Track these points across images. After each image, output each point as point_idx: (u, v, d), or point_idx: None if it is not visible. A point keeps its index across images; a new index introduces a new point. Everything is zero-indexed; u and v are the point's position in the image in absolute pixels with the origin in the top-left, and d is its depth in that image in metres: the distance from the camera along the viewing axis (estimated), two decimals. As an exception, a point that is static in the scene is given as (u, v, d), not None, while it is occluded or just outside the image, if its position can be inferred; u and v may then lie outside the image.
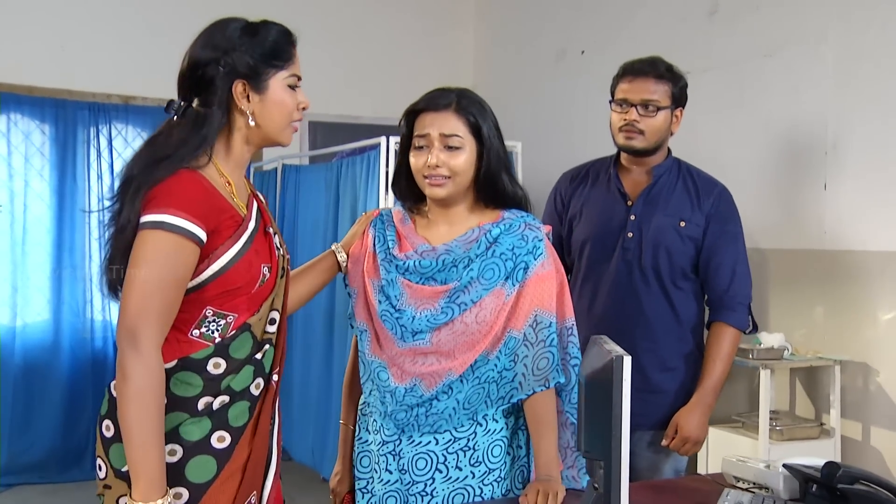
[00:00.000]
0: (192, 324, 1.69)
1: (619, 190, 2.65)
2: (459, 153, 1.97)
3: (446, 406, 1.97)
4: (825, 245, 3.75)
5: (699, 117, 4.33)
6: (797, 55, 3.88)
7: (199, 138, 1.70)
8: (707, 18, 4.38)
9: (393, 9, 6.02)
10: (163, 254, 1.61)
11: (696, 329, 2.64)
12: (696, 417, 2.52)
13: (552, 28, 5.47)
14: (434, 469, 1.99)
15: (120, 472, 1.66)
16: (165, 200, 1.62)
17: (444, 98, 1.99)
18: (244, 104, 1.74)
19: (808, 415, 3.79)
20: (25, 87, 5.05)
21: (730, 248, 2.59)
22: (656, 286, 2.58)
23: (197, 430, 1.68)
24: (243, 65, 1.72)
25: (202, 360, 1.69)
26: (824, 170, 3.75)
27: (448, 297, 1.97)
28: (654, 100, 2.54)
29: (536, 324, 1.97)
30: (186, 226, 1.62)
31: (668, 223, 2.57)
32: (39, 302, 5.16)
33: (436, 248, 2.01)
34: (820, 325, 3.77)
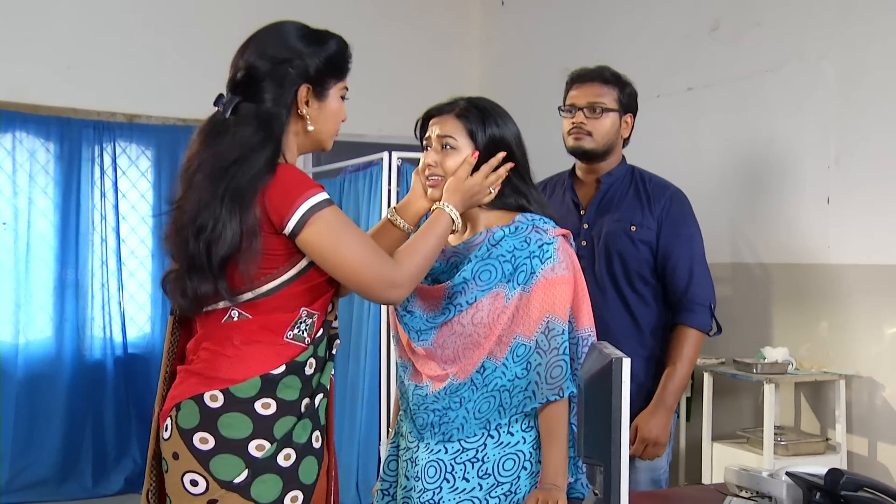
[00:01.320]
0: (289, 325, 1.75)
1: (573, 200, 2.69)
2: (452, 154, 2.02)
3: (458, 415, 1.97)
4: (829, 259, 3.73)
5: (701, 132, 4.35)
6: (799, 70, 3.89)
7: (276, 138, 1.75)
8: (709, 35, 4.39)
9: (398, 29, 6.04)
10: (341, 222, 1.72)
11: (655, 333, 2.64)
12: (655, 419, 2.51)
13: (556, 47, 5.48)
14: (442, 478, 1.99)
15: (231, 483, 1.68)
16: (303, 185, 1.70)
17: (450, 104, 2.07)
18: (304, 108, 1.79)
19: (814, 430, 3.76)
20: (30, 105, 5.07)
21: (685, 249, 2.59)
22: (612, 292, 2.59)
23: (303, 433, 1.74)
24: (314, 69, 1.79)
25: (303, 363, 1.76)
26: (827, 184, 3.74)
27: (448, 299, 1.99)
28: (599, 102, 2.60)
29: (549, 330, 1.95)
30: (328, 196, 1.73)
31: (619, 228, 2.59)
32: (42, 319, 5.15)
33: (445, 251, 2.05)
34: (824, 340, 3.74)
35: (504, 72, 6.08)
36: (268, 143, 1.72)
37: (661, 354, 2.61)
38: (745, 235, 4.02)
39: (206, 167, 1.71)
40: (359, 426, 4.22)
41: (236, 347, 1.73)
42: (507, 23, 6.07)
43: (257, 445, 1.70)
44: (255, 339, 1.74)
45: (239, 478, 1.68)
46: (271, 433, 1.71)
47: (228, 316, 1.75)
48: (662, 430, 2.51)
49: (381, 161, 4.16)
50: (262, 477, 1.69)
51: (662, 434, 2.51)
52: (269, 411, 1.71)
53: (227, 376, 1.71)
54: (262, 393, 1.71)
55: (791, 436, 3.67)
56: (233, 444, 1.69)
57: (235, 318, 1.75)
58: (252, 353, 1.73)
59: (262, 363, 1.72)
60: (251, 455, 1.69)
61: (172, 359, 1.85)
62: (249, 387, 1.71)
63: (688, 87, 4.42)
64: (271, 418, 1.71)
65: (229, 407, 1.70)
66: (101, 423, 5.19)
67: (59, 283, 5.16)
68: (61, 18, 5.14)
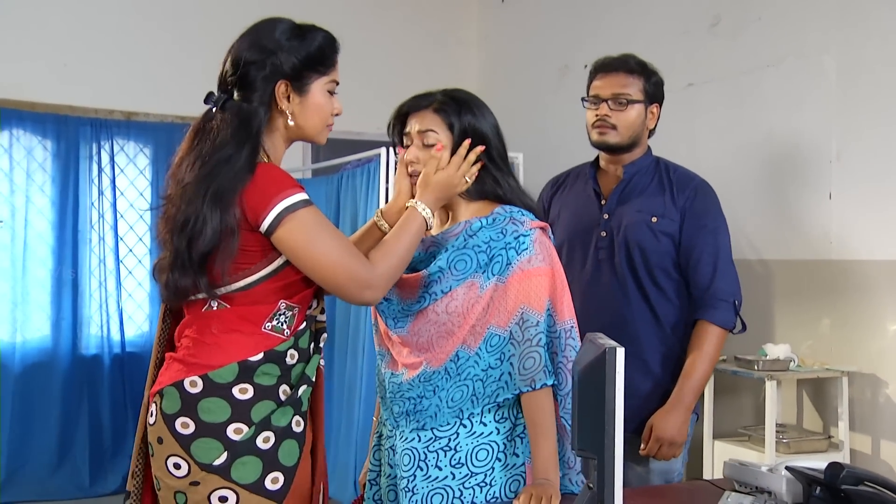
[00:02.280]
0: (266, 317, 1.79)
1: (594, 190, 2.62)
2: (433, 150, 2.01)
3: (431, 403, 1.98)
4: (831, 255, 3.70)
5: (701, 129, 4.33)
6: (799, 66, 3.86)
7: (254, 136, 1.79)
8: (708, 30, 4.37)
9: (396, 27, 6.03)
10: (317, 223, 1.75)
11: (676, 329, 2.55)
12: (671, 417, 2.44)
13: (555, 44, 5.47)
14: (416, 466, 1.99)
15: (211, 465, 1.73)
16: (280, 185, 1.73)
17: (425, 99, 2.06)
18: (284, 104, 1.82)
19: (816, 428, 3.73)
20: (27, 102, 5.03)
21: (709, 243, 2.51)
22: (632, 285, 2.52)
23: (283, 417, 1.78)
24: (289, 66, 1.81)
25: (283, 353, 1.80)
26: (829, 179, 3.72)
27: (424, 287, 2.00)
28: (625, 93, 2.53)
29: (523, 322, 1.95)
30: (307, 196, 1.76)
31: (640, 219, 2.52)
32: (39, 317, 5.12)
33: (424, 240, 2.05)
34: (827, 337, 3.72)
35: (502, 70, 6.07)
36: (247, 141, 1.76)
37: (682, 352, 2.53)
38: (746, 232, 3.99)
39: (193, 166, 1.76)
40: (356, 424, 4.20)
41: (215, 335, 1.79)
42: (505, 20, 6.06)
43: (236, 429, 1.75)
44: (233, 328, 1.79)
45: (218, 460, 1.73)
46: (249, 417, 1.75)
47: (208, 305, 1.80)
48: (678, 429, 2.43)
49: (379, 157, 4.14)
50: (242, 459, 1.74)
51: (678, 434, 2.43)
52: (247, 396, 1.76)
53: (205, 363, 1.77)
54: (240, 379, 1.76)
55: (793, 433, 3.64)
56: (212, 427, 1.74)
57: (215, 308, 1.80)
58: (230, 340, 1.78)
59: (240, 350, 1.77)
60: (230, 438, 1.74)
61: (163, 346, 1.92)
62: (227, 372, 1.76)
63: (687, 84, 4.39)
64: (249, 402, 1.76)
65: (208, 392, 1.75)
66: (98, 421, 5.16)
67: (56, 281, 5.13)
68: (58, 15, 5.13)
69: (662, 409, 2.46)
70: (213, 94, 1.85)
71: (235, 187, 1.72)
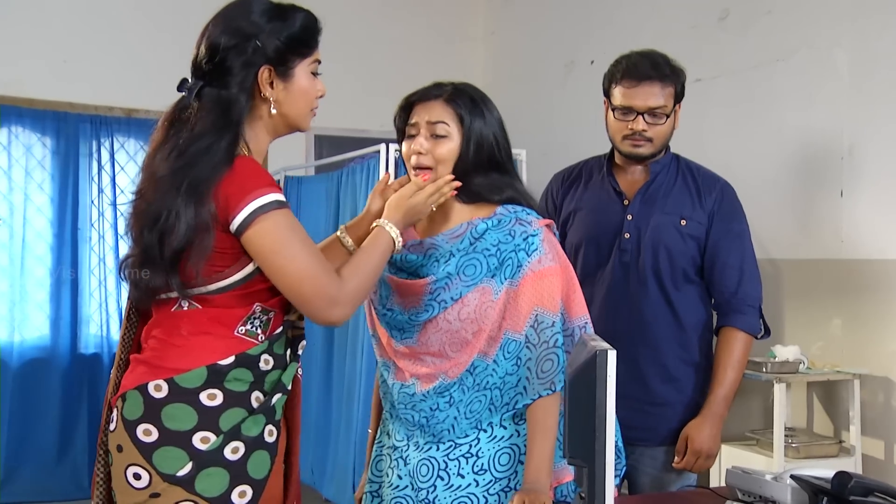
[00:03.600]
0: (240, 320, 1.68)
1: (614, 189, 2.50)
2: (444, 142, 1.92)
3: (448, 415, 1.91)
4: (842, 254, 3.62)
5: (710, 125, 4.24)
6: (810, 60, 3.78)
7: (234, 125, 1.67)
8: (717, 24, 4.28)
9: (401, 23, 5.97)
10: (288, 227, 1.63)
11: (702, 336, 2.46)
12: (707, 429, 2.35)
13: (561, 40, 5.40)
14: (435, 476, 1.92)
15: (174, 476, 1.62)
16: (255, 182, 1.62)
17: (436, 89, 1.97)
18: (268, 91, 1.71)
19: (827, 432, 3.65)
20: (26, 99, 4.99)
21: (735, 247, 2.42)
22: (655, 289, 2.42)
23: (254, 426, 1.67)
24: (273, 49, 1.70)
25: (256, 357, 1.69)
26: (840, 176, 3.64)
27: (430, 295, 1.91)
28: (661, 106, 2.37)
29: (538, 324, 1.89)
30: (283, 198, 1.66)
31: (668, 221, 2.42)
32: (38, 317, 5.08)
33: (423, 243, 1.96)
34: (838, 338, 3.63)
35: (509, 66, 5.99)
36: (226, 131, 1.64)
37: (703, 358, 2.45)
38: (755, 230, 3.83)
39: (168, 157, 1.64)
40: (355, 425, 4.14)
41: (184, 337, 1.68)
42: (511, 16, 5.99)
43: (202, 438, 1.63)
44: (203, 331, 1.68)
45: (182, 471, 1.61)
46: (217, 425, 1.64)
47: (178, 305, 1.70)
48: (714, 441, 2.36)
49: (378, 154, 4.07)
50: (208, 470, 1.62)
51: (714, 445, 2.36)
52: (215, 402, 1.65)
53: (172, 366, 1.66)
54: (209, 384, 1.65)
55: (803, 437, 3.56)
56: (176, 436, 1.63)
57: (185, 308, 1.69)
58: (200, 343, 1.67)
59: (210, 354, 1.66)
60: (195, 448, 1.63)
61: (127, 347, 1.79)
62: (195, 377, 1.65)
63: (695, 79, 4.29)
64: (217, 410, 1.65)
65: (173, 397, 1.64)
66: (97, 421, 5.09)
67: (55, 280, 5.08)
68: (57, 11, 5.08)
69: (696, 420, 2.38)
70: (186, 81, 1.72)
71: (212, 180, 1.60)
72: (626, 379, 2.24)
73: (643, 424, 2.40)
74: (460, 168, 1.93)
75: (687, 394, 2.43)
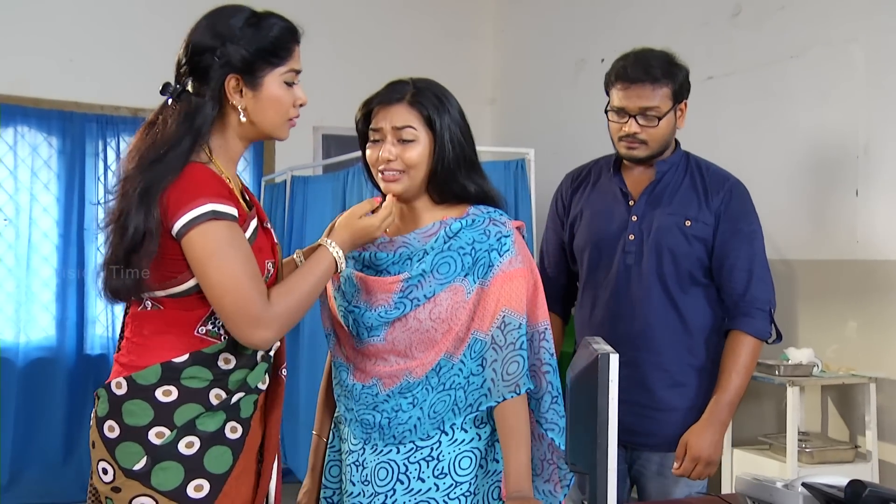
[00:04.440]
0: (199, 322, 1.70)
1: (620, 189, 2.44)
2: (413, 146, 1.88)
3: (410, 416, 1.88)
4: (858, 255, 3.54)
5: (723, 124, 4.17)
6: (825, 56, 3.70)
7: (194, 132, 1.67)
8: (729, 21, 4.21)
9: (410, 21, 5.92)
10: (225, 240, 1.61)
11: (709, 340, 2.39)
12: (708, 435, 2.28)
13: (572, 38, 5.34)
14: (395, 480, 1.89)
15: (131, 471, 1.65)
16: (196, 192, 1.62)
17: (397, 91, 1.91)
18: (236, 99, 1.71)
19: (842, 437, 3.56)
20: (32, 98, 4.96)
21: (744, 247, 2.34)
22: (660, 292, 2.35)
23: (211, 422, 1.68)
24: (238, 59, 1.69)
25: (213, 355, 1.70)
26: (856, 175, 3.56)
27: (401, 292, 1.88)
28: (653, 107, 2.31)
29: (504, 325, 1.85)
30: (227, 209, 1.63)
31: (672, 222, 2.35)
32: (44, 318, 5.05)
33: (394, 241, 1.92)
34: (853, 341, 3.55)
35: (518, 64, 5.93)
36: (186, 137, 1.65)
37: (712, 363, 2.37)
38: (768, 230, 3.76)
39: (136, 159, 1.66)
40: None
41: (145, 336, 1.71)
42: (521, 14, 5.92)
43: (157, 432, 1.67)
44: (163, 330, 1.70)
45: (138, 465, 1.65)
46: (171, 420, 1.67)
47: (143, 305, 1.73)
48: (715, 448, 2.29)
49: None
50: (162, 464, 1.66)
51: (715, 452, 2.29)
52: (170, 398, 1.67)
53: (133, 363, 1.70)
54: (164, 380, 1.68)
55: (817, 442, 3.48)
56: (134, 431, 1.66)
57: (149, 308, 1.72)
58: (159, 342, 1.70)
59: (167, 351, 1.69)
60: (151, 442, 1.66)
61: (118, 346, 1.83)
62: (150, 374, 1.68)
63: (707, 77, 4.23)
64: (172, 405, 1.67)
65: (132, 394, 1.67)
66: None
67: (61, 280, 5.06)
68: (63, 10, 5.04)
69: (696, 426, 2.31)
70: (169, 85, 1.74)
71: (161, 185, 1.61)
72: (630, 384, 2.18)
73: (647, 430, 2.35)
74: (432, 169, 1.89)
75: (694, 399, 2.36)
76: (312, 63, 5.66)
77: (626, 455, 2.41)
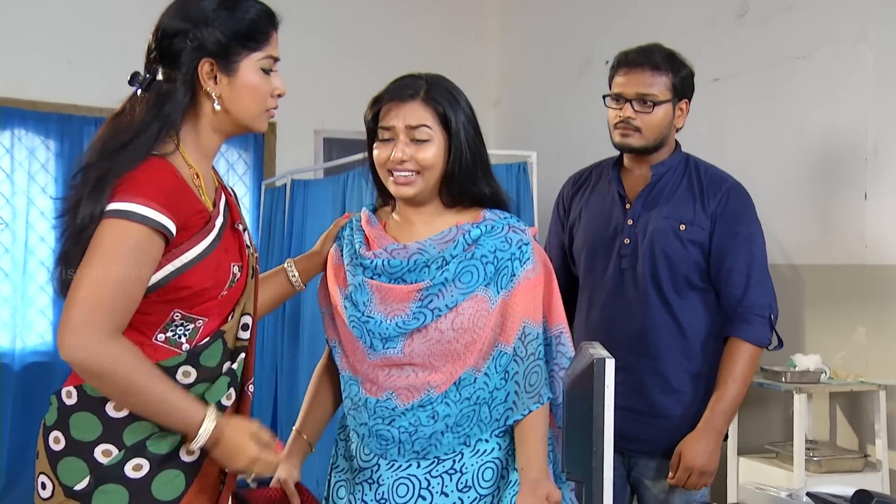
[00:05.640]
0: (158, 327, 1.58)
1: (618, 192, 2.41)
2: (428, 146, 1.79)
3: (434, 431, 1.79)
4: (866, 259, 3.47)
5: (728, 126, 4.11)
6: (834, 56, 3.63)
7: (162, 118, 1.56)
8: (736, 21, 4.14)
9: (414, 22, 5.87)
10: (125, 245, 1.48)
11: (706, 345, 2.34)
12: (702, 445, 2.23)
13: (575, 40, 5.28)
14: (416, 496, 1.80)
15: (72, 490, 1.53)
16: (135, 189, 1.50)
17: (410, 87, 1.82)
18: (210, 86, 1.60)
19: (851, 445, 3.49)
20: (29, 101, 4.90)
21: (742, 251, 2.29)
22: (655, 297, 2.31)
23: (163, 443, 1.56)
24: (213, 42, 1.59)
25: (171, 369, 1.57)
26: (864, 178, 3.49)
27: (420, 302, 1.78)
28: (650, 94, 2.30)
29: (525, 336, 1.80)
30: (156, 217, 1.49)
31: (667, 226, 2.31)
32: (41, 323, 4.98)
33: (407, 247, 1.82)
34: (862, 347, 3.48)
35: (523, 65, 5.87)
36: (153, 124, 1.55)
37: (711, 371, 2.32)
38: (775, 234, 3.76)
39: (98, 148, 1.56)
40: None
41: None
42: (526, 15, 5.87)
43: (104, 450, 1.55)
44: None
45: (80, 484, 1.53)
46: (120, 438, 1.55)
47: None
48: (710, 457, 2.24)
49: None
50: (105, 486, 1.53)
51: (709, 462, 2.24)
52: (121, 414, 1.55)
53: None
54: None
55: (825, 451, 3.40)
56: (80, 446, 1.55)
57: None
58: None
59: None
60: (96, 460, 1.54)
61: None
62: None
63: (713, 78, 4.17)
64: (122, 422, 1.55)
65: (81, 406, 1.56)
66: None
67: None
68: (61, 11, 4.99)
69: (691, 435, 2.27)
70: (138, 75, 1.63)
71: (116, 174, 1.50)
72: (626, 390, 2.13)
73: (643, 436, 2.31)
74: (447, 171, 1.82)
75: (690, 406, 2.31)
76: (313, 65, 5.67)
77: (623, 461, 2.36)
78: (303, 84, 5.53)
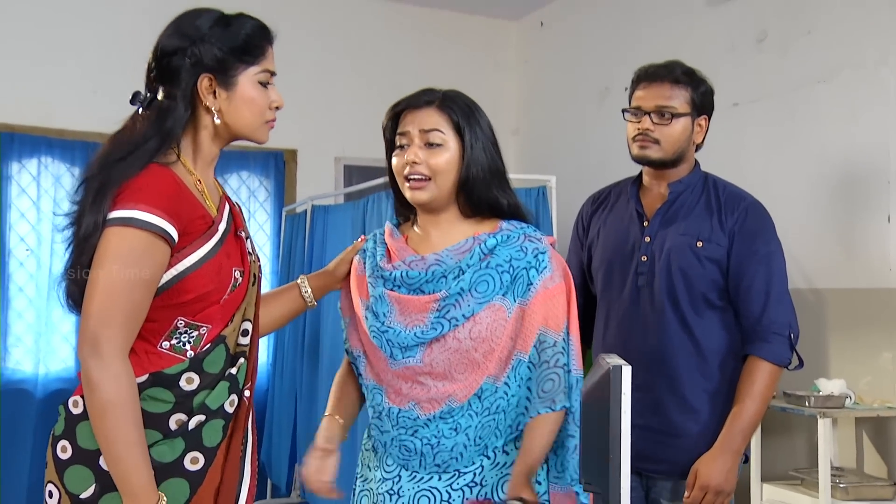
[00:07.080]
0: (163, 335, 1.59)
1: (636, 210, 2.39)
2: (440, 151, 1.82)
3: (456, 443, 1.79)
4: (891, 283, 3.43)
5: (748, 150, 4.09)
6: (854, 80, 3.62)
7: (164, 133, 1.60)
8: (755, 46, 4.14)
9: (433, 52, 5.91)
10: (131, 252, 1.51)
11: (724, 364, 2.29)
12: (718, 464, 2.19)
13: (596, 66, 5.29)
14: None
15: (78, 498, 1.54)
16: (136, 195, 1.53)
17: (427, 95, 1.88)
18: (210, 100, 1.65)
19: (879, 472, 3.41)
20: (56, 130, 4.98)
21: (760, 269, 2.26)
22: (672, 315, 2.28)
23: (169, 451, 1.57)
24: (210, 57, 1.63)
25: (175, 376, 1.59)
26: (888, 201, 3.45)
27: (438, 312, 1.79)
28: (669, 106, 2.29)
29: (540, 343, 1.79)
30: (158, 222, 1.53)
31: (684, 243, 2.28)
32: (64, 349, 4.99)
33: (425, 258, 1.84)
34: (888, 372, 3.42)
35: (543, 94, 5.89)
36: (154, 138, 1.59)
37: (729, 390, 2.29)
38: (798, 259, 3.72)
39: (99, 160, 1.59)
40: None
41: None
42: (545, 44, 5.89)
43: None
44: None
45: (86, 492, 1.54)
46: None
47: None
48: (726, 477, 2.19)
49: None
50: (111, 495, 1.53)
51: (726, 482, 2.19)
52: None
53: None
54: None
55: (852, 478, 3.33)
56: (86, 454, 1.56)
57: None
58: None
59: None
60: (102, 468, 1.54)
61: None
62: None
63: (733, 103, 4.16)
64: None
65: (87, 414, 1.55)
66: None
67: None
68: (88, 42, 5.08)
69: (708, 454, 2.22)
70: (139, 94, 1.69)
71: (116, 183, 1.53)
72: (644, 408, 2.10)
73: (660, 456, 2.27)
74: (461, 178, 1.83)
75: (708, 425, 2.27)
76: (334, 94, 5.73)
77: (642, 482, 2.32)
78: (323, 112, 5.57)
